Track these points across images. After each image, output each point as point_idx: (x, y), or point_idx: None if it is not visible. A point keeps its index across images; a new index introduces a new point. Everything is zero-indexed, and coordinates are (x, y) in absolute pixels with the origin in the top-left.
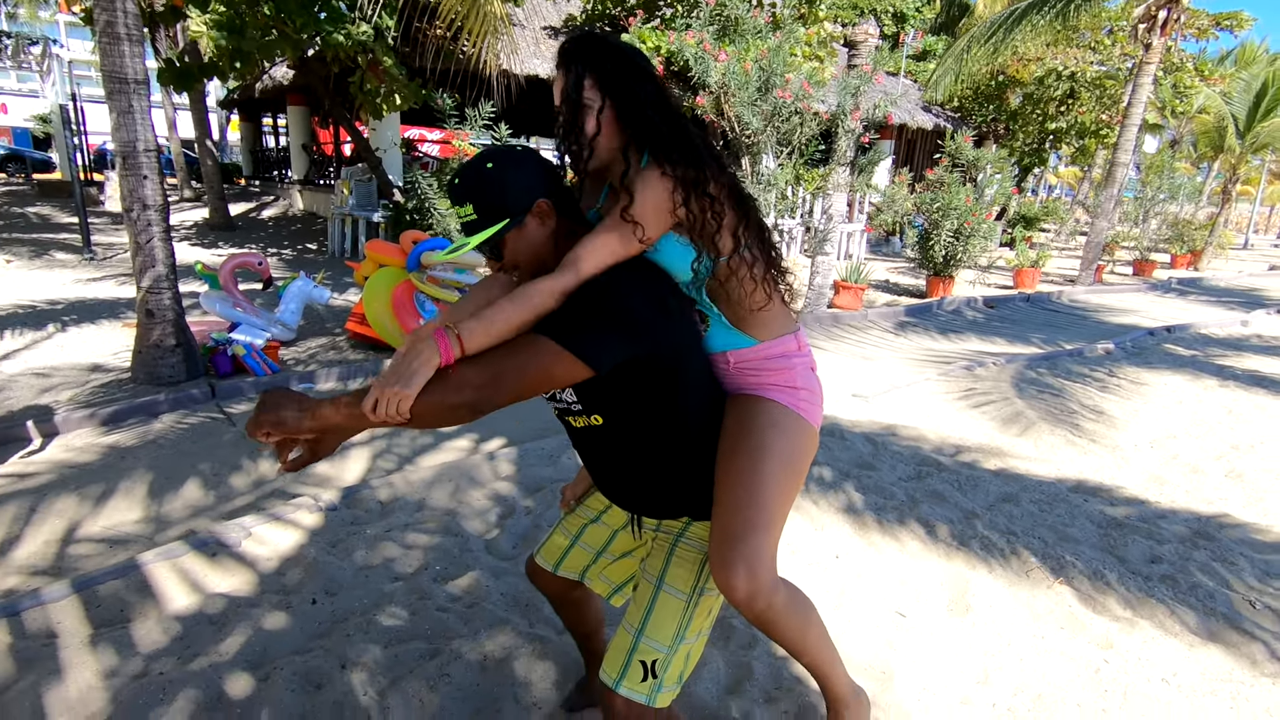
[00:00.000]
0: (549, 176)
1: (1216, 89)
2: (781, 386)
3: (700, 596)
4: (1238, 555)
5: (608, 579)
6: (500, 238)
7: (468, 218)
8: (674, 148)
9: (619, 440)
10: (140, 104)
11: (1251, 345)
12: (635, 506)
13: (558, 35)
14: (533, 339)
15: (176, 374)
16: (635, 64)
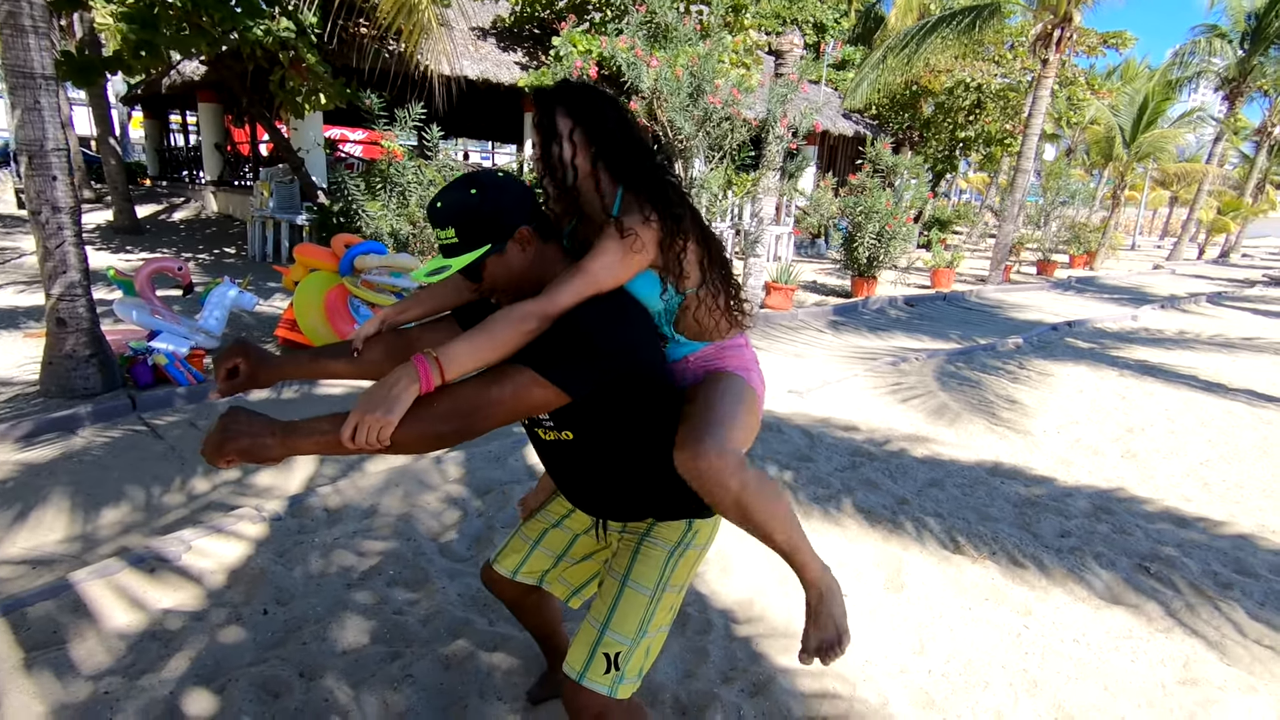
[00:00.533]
0: (530, 203)
1: (1105, 102)
2: (735, 365)
3: (663, 592)
4: (1133, 527)
5: (567, 581)
6: (481, 262)
7: (449, 241)
8: (651, 192)
9: (588, 453)
10: (49, 100)
11: (1140, 338)
12: (602, 512)
13: (486, 36)
14: (512, 368)
15: (92, 386)
16: (616, 112)
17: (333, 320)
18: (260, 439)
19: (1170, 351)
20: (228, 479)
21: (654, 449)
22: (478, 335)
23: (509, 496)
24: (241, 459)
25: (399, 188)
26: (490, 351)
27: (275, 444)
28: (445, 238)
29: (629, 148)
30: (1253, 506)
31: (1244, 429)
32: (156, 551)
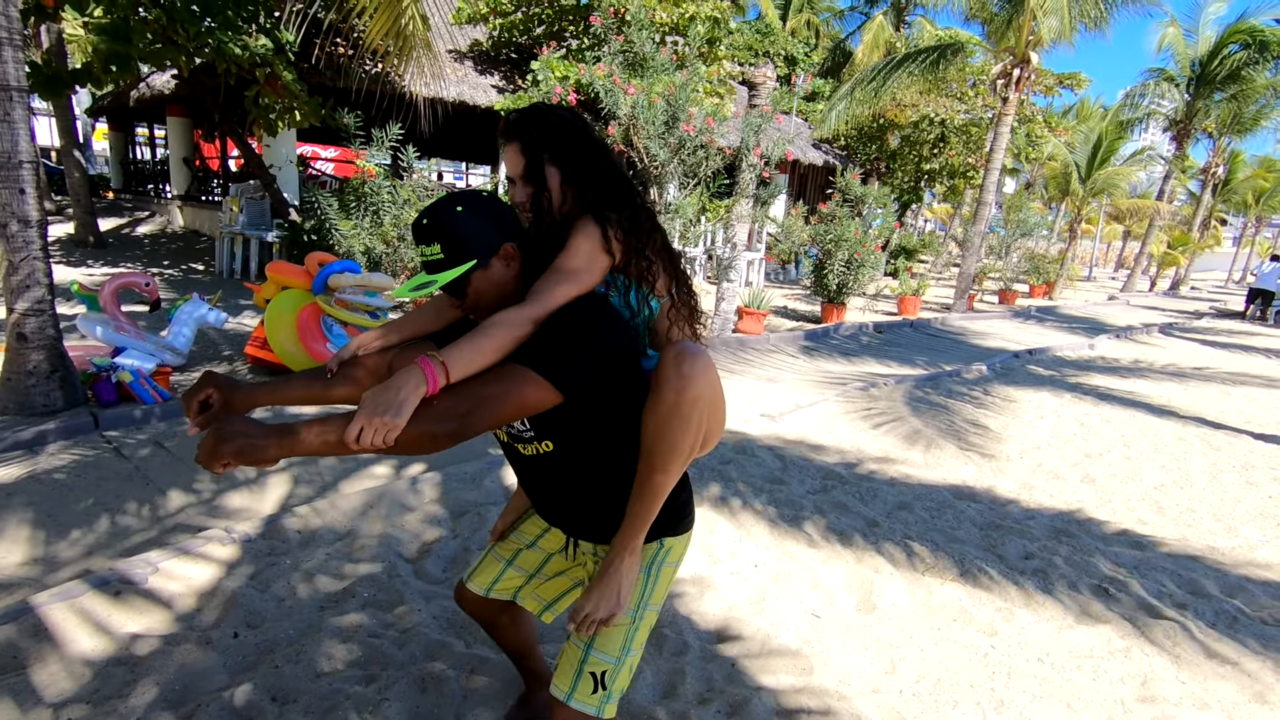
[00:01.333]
0: (514, 220)
1: (1062, 139)
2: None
3: (645, 611)
4: (1093, 549)
5: (540, 597)
6: (466, 278)
7: (434, 257)
8: (624, 213)
9: (567, 465)
10: (20, 112)
11: (1097, 366)
12: (577, 530)
13: (464, 59)
14: (509, 367)
15: (53, 403)
16: (586, 137)
17: (305, 339)
18: (255, 440)
19: (1125, 379)
20: (195, 499)
21: (632, 465)
22: (478, 338)
23: (484, 518)
24: (237, 462)
25: (373, 206)
26: (492, 353)
27: (271, 444)
28: (430, 254)
29: (601, 173)
30: (1204, 529)
31: (1195, 455)
32: (121, 574)
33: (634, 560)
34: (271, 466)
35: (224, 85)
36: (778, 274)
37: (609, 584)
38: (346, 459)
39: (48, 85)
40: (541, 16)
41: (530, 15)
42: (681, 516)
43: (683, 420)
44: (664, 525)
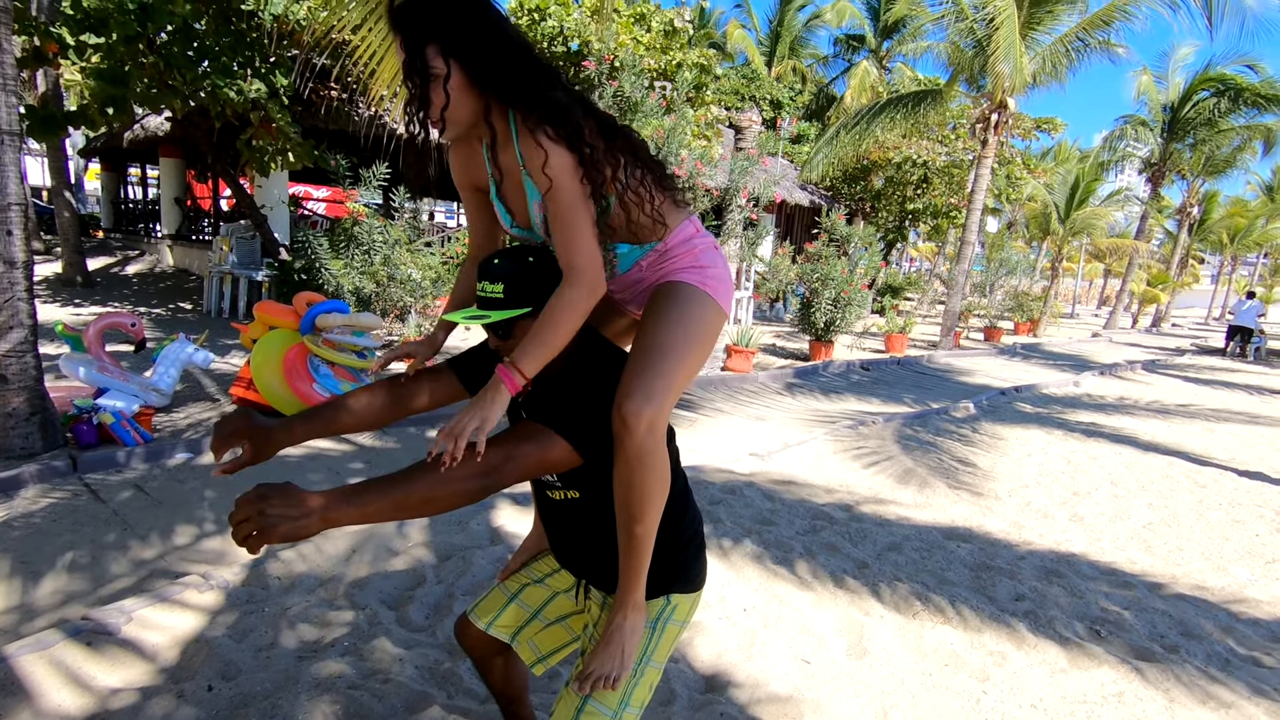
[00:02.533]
0: None
1: (1041, 181)
2: (689, 268)
3: (646, 666)
4: (1084, 589)
5: (535, 646)
6: (515, 322)
7: (494, 295)
8: (542, 106)
9: (591, 513)
10: (11, 155)
11: (1083, 403)
12: (591, 576)
13: None
14: (535, 427)
15: (31, 445)
16: (482, 17)
17: (290, 379)
18: (301, 522)
19: (1111, 416)
20: (174, 544)
21: None
22: (541, 330)
23: (469, 563)
24: (279, 542)
25: (363, 246)
26: (557, 338)
27: (315, 523)
28: (492, 291)
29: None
30: (1193, 569)
31: (1181, 492)
32: (96, 623)
33: (638, 616)
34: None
35: (217, 127)
36: (765, 312)
37: (613, 643)
38: None
39: (43, 127)
40: None
41: None
42: (690, 573)
43: (643, 469)
44: (670, 580)
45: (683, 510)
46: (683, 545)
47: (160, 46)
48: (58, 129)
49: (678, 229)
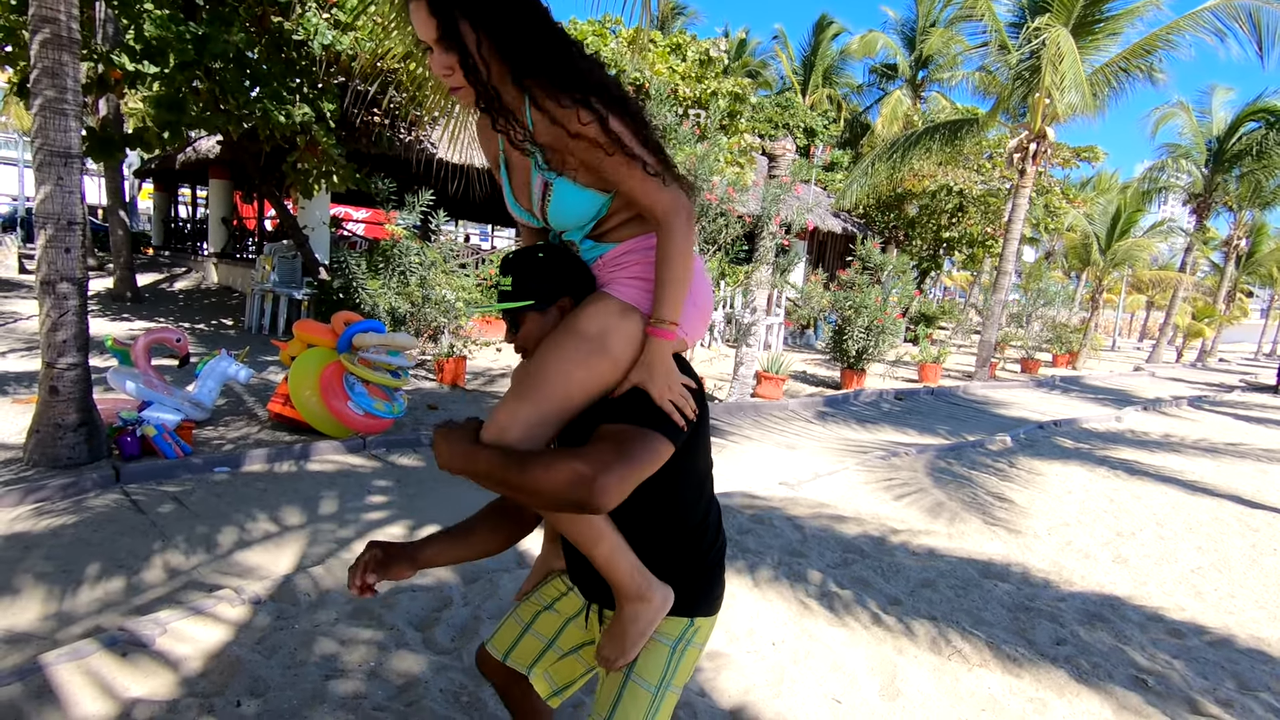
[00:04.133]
0: (583, 280)
1: (1081, 210)
2: (629, 279)
3: (666, 691)
4: (1129, 636)
5: (551, 679)
6: (522, 314)
7: (505, 286)
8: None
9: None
10: (75, 177)
11: (1126, 439)
12: (602, 594)
13: None
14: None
15: (78, 456)
16: None
17: (327, 397)
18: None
19: (1155, 454)
20: (210, 556)
21: (672, 530)
22: (664, 273)
23: (496, 585)
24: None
25: (400, 268)
26: (681, 274)
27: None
28: (504, 283)
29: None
30: (1247, 619)
31: (1232, 535)
32: (131, 634)
33: (634, 606)
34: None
35: (265, 150)
36: (796, 339)
37: (616, 629)
38: (352, 521)
39: (102, 150)
40: None
41: None
42: (712, 594)
43: (568, 520)
44: (694, 603)
45: (714, 535)
46: (709, 569)
47: (215, 73)
48: (116, 151)
49: (648, 235)
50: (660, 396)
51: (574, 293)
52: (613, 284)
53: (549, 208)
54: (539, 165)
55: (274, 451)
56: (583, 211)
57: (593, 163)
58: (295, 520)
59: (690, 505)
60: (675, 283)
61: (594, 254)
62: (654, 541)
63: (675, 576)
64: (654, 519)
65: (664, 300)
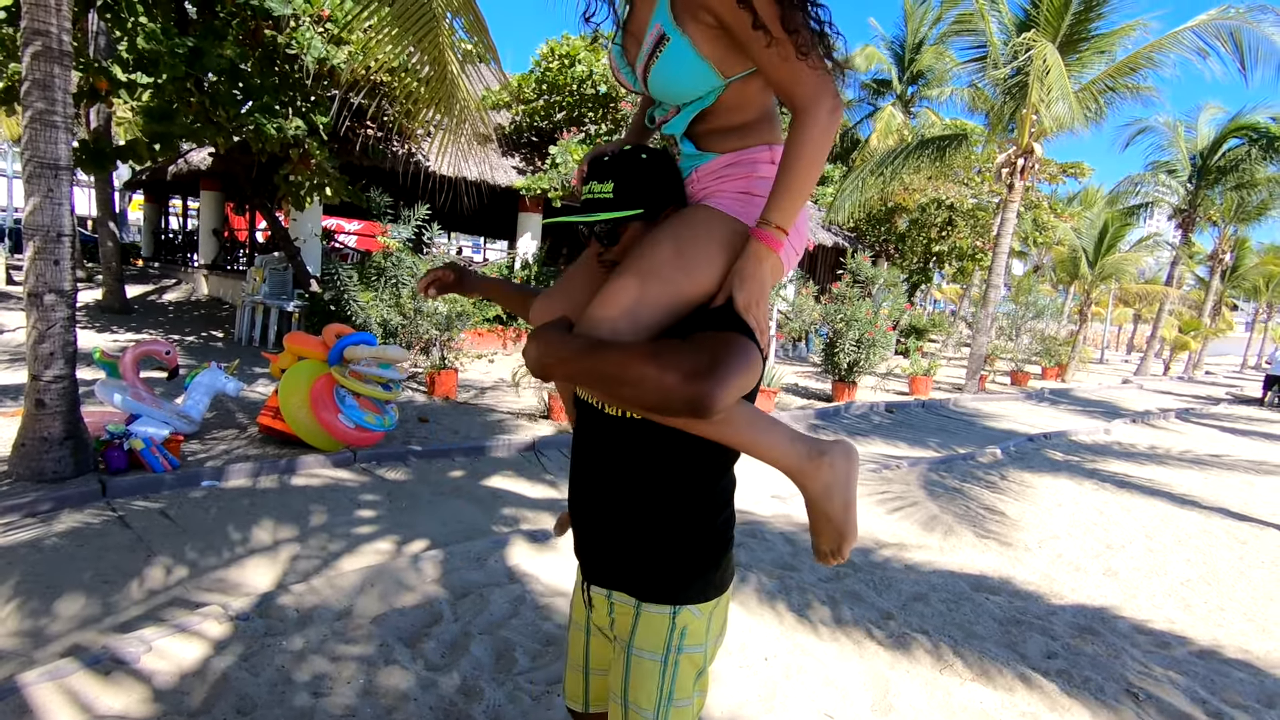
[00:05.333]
0: (682, 188)
1: (1069, 225)
2: (733, 194)
3: (667, 711)
4: (1119, 648)
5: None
6: (625, 224)
7: (602, 195)
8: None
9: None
10: (62, 189)
11: (1114, 451)
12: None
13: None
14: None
15: (63, 469)
16: None
17: (317, 410)
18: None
19: (1144, 466)
20: (195, 572)
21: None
22: (791, 172)
23: (486, 600)
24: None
25: (393, 280)
26: (810, 177)
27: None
28: (600, 191)
29: None
30: (1235, 631)
31: (1220, 548)
32: (113, 652)
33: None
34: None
35: (257, 162)
36: (789, 351)
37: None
38: (342, 535)
39: (92, 161)
40: (562, 104)
41: (552, 103)
42: (706, 574)
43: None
44: (675, 584)
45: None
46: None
47: (208, 85)
48: (107, 163)
49: (755, 148)
50: (746, 305)
51: (680, 203)
52: (714, 197)
53: (655, 65)
54: (664, 11)
55: (262, 465)
56: (689, 85)
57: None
58: (283, 535)
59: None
60: (799, 184)
61: (692, 163)
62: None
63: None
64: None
65: (780, 203)
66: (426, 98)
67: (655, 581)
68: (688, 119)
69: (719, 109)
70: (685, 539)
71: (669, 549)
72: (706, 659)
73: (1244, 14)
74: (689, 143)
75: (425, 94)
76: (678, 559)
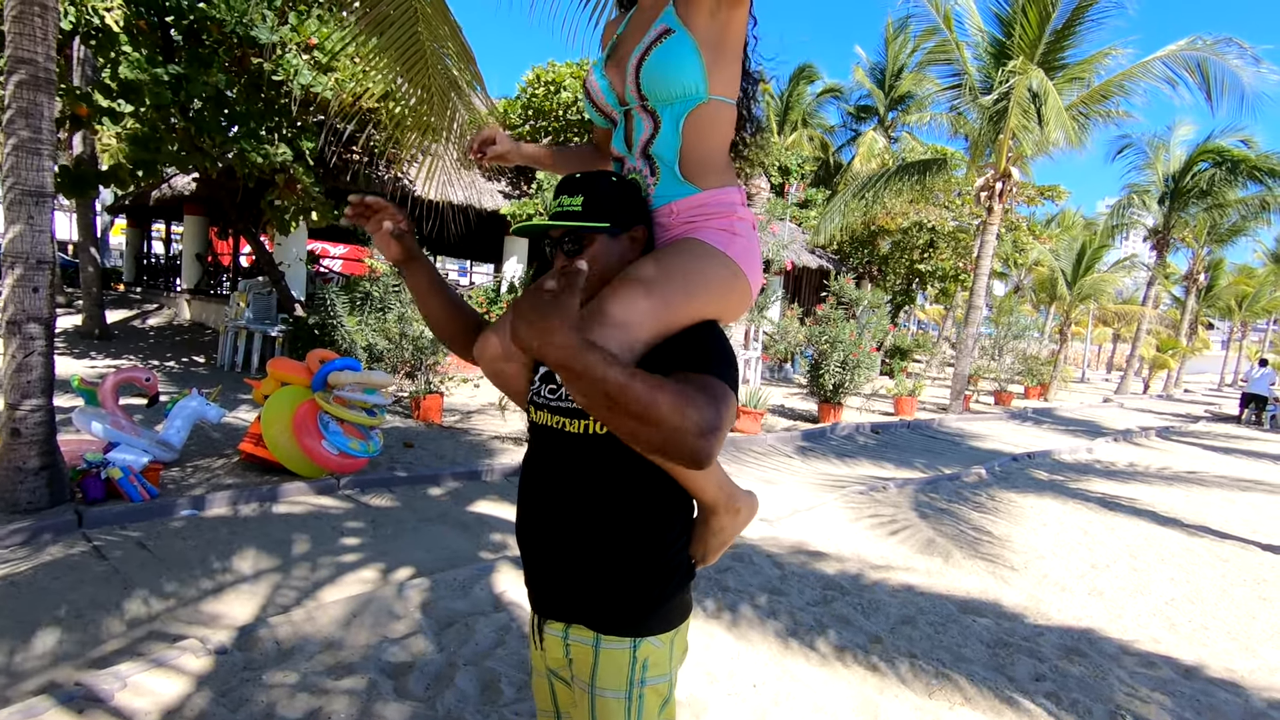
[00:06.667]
0: (649, 212)
1: (1047, 246)
2: (717, 229)
3: (643, 687)
4: (1106, 670)
5: None
6: (590, 236)
7: (571, 207)
8: None
9: (606, 459)
10: (44, 216)
11: (1097, 470)
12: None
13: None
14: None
15: (38, 500)
16: None
17: (300, 436)
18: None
19: (1126, 485)
20: (174, 604)
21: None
22: None
23: (472, 630)
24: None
25: (379, 303)
26: None
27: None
28: (570, 204)
29: None
30: (1220, 650)
31: (1203, 566)
32: (88, 688)
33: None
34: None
35: (242, 187)
36: (775, 372)
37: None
38: (325, 564)
39: (75, 187)
40: (548, 129)
41: (537, 128)
42: (668, 602)
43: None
44: (634, 615)
45: (682, 530)
46: (672, 570)
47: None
48: (89, 189)
49: (728, 188)
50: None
51: (649, 224)
52: (701, 232)
53: (653, 54)
54: (670, 12)
55: (243, 493)
56: (684, 80)
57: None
58: (264, 565)
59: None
60: None
61: (671, 193)
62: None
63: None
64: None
65: None
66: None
67: (616, 612)
68: (675, 129)
69: (700, 129)
70: (648, 566)
71: (631, 577)
72: (671, 686)
73: (1211, 45)
74: (669, 172)
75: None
76: (640, 588)
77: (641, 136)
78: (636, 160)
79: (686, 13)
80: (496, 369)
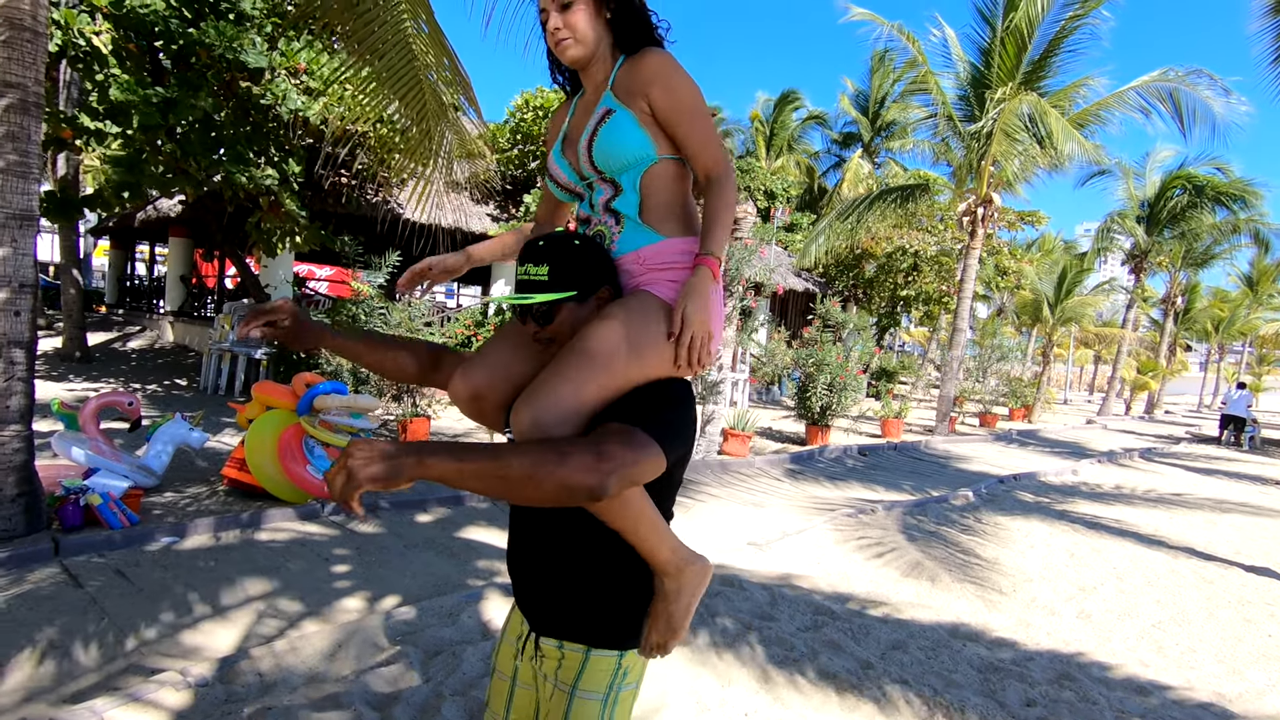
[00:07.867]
0: (613, 269)
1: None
2: (668, 282)
3: (620, 691)
4: (1096, 694)
5: None
6: (559, 305)
7: (537, 277)
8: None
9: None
10: (28, 240)
11: (1082, 492)
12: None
13: (460, 189)
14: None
15: (14, 528)
16: None
17: (285, 461)
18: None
19: (1111, 507)
20: (153, 635)
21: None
22: (716, 218)
23: (459, 659)
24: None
25: (366, 325)
26: (730, 216)
27: (411, 464)
28: (536, 274)
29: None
30: (1207, 673)
31: (1189, 588)
32: None
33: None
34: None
35: (230, 210)
36: (762, 395)
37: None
38: (309, 591)
39: (59, 210)
40: (536, 153)
41: (526, 152)
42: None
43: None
44: (624, 630)
45: None
46: (638, 589)
47: (179, 136)
48: (74, 212)
49: (685, 239)
50: (691, 318)
51: (613, 283)
52: (655, 285)
53: (600, 132)
54: (609, 96)
55: (226, 520)
56: (631, 150)
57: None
58: (247, 594)
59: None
60: (724, 225)
61: (637, 240)
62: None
63: (612, 596)
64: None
65: (713, 238)
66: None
67: (607, 630)
68: (634, 187)
69: (654, 184)
70: (634, 586)
71: (618, 599)
72: (639, 685)
73: (1183, 76)
74: (632, 223)
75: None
76: (626, 608)
77: (602, 198)
78: (600, 214)
79: (622, 95)
80: (473, 409)
